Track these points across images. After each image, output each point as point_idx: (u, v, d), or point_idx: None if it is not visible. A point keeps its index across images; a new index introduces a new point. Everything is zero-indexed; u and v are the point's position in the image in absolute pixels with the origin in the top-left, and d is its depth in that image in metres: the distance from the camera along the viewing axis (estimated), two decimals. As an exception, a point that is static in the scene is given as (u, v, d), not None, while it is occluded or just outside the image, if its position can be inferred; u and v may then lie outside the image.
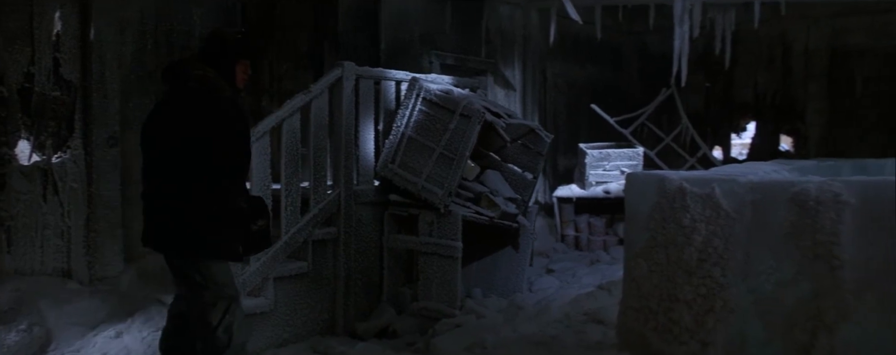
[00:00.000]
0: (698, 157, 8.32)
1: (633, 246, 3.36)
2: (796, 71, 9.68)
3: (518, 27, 8.12)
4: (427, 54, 6.97)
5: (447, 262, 4.65)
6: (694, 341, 3.12)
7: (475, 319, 4.54)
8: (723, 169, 4.05)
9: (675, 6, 6.04)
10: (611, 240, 7.73)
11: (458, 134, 4.60)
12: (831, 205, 2.88)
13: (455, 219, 4.62)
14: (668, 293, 3.20)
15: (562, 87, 9.06)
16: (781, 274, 2.99)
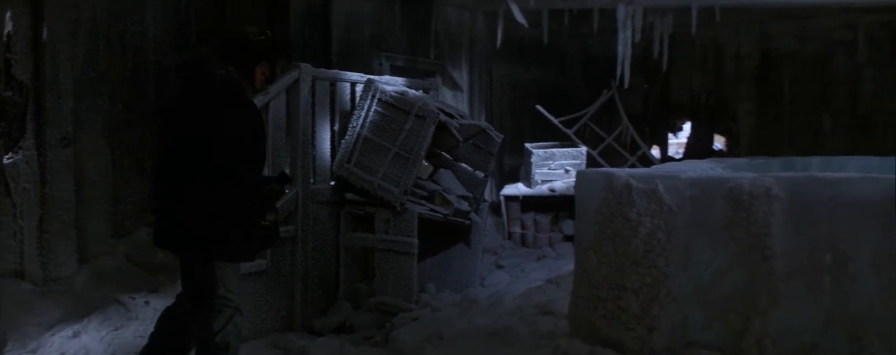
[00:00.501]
0: (638, 156, 8.67)
1: (582, 239, 3.57)
2: (728, 74, 10.16)
3: (465, 30, 8.32)
4: (377, 56, 7.10)
5: (403, 258, 4.80)
6: (640, 327, 3.35)
7: (431, 313, 4.71)
8: (664, 166, 4.31)
9: (618, 12, 6.33)
10: (556, 236, 7.99)
11: (414, 134, 4.76)
12: (763, 199, 3.14)
13: (411, 217, 4.77)
14: (617, 283, 3.42)
15: (507, 88, 9.31)
16: (719, 264, 3.24)
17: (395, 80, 5.51)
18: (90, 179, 5.03)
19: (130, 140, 5.31)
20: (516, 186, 8.20)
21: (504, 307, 4.87)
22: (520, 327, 4.46)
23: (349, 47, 6.73)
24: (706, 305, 3.27)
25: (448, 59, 8.09)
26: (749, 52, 9.96)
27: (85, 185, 4.96)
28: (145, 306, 4.48)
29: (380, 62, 7.12)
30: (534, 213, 8.09)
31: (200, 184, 2.95)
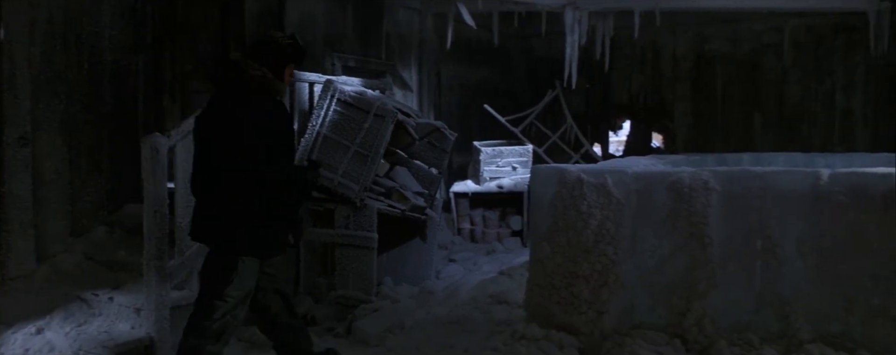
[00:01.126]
0: (581, 154, 9.01)
1: (537, 230, 3.82)
2: (666, 74, 10.62)
3: (415, 31, 8.51)
4: (330, 56, 7.24)
5: (363, 253, 4.97)
6: (591, 311, 3.61)
7: (391, 304, 4.90)
8: (611, 162, 4.60)
9: (565, 16, 6.63)
10: (504, 232, 8.25)
11: (373, 133, 4.93)
12: (702, 191, 3.44)
13: (371, 213, 4.95)
14: (569, 271, 3.67)
15: (455, 88, 9.53)
16: (662, 252, 3.53)
17: (352, 80, 5.67)
18: (48, 178, 5.05)
19: (88, 139, 5.34)
20: (465, 183, 8.43)
21: (460, 298, 5.09)
22: (476, 316, 4.69)
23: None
24: (651, 290, 3.55)
25: (398, 60, 8.27)
26: (685, 54, 10.45)
27: (42, 184, 4.98)
28: (109, 302, 4.54)
29: (332, 62, 7.26)
30: (482, 210, 8.33)
31: (240, 177, 3.10)
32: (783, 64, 9.85)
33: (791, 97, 9.95)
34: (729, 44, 10.24)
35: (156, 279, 4.18)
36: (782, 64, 9.86)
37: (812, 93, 9.79)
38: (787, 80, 9.92)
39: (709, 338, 3.38)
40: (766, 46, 9.97)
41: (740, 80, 10.19)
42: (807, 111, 9.84)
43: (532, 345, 3.60)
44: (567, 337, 3.61)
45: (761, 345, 3.27)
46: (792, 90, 9.94)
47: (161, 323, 4.22)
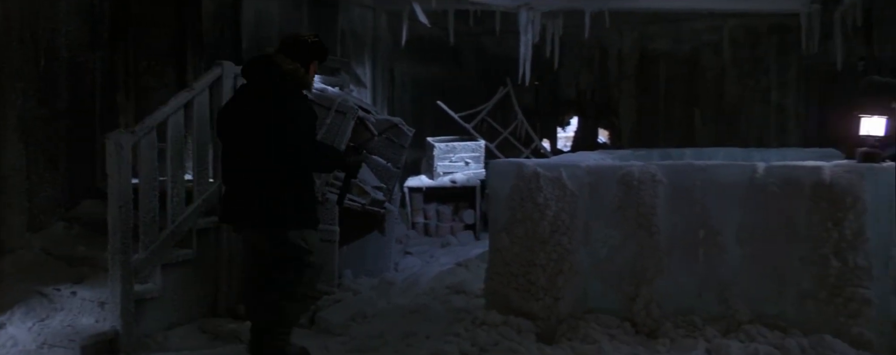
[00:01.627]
0: (532, 149, 9.27)
1: (496, 222, 4.02)
2: (611, 72, 10.96)
3: (369, 29, 8.64)
4: (285, 53, 7.31)
5: (325, 245, 5.07)
6: (548, 297, 3.83)
7: (353, 295, 5.04)
8: (564, 157, 4.82)
9: (519, 17, 6.85)
10: (457, 225, 8.46)
11: (334, 128, 5.06)
12: (649, 184, 3.69)
13: (332, 206, 5.07)
14: (527, 259, 3.88)
15: (408, 84, 9.70)
16: (613, 241, 3.77)
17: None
18: (4, 174, 5.03)
19: (44, 136, 5.32)
20: (419, 178, 8.59)
21: (419, 288, 5.27)
22: (436, 305, 4.87)
23: (259, 45, 6.91)
24: (603, 276, 3.79)
25: (353, 57, 8.39)
26: (630, 53, 10.80)
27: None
28: (72, 297, 4.56)
29: (287, 59, 7.34)
30: (436, 204, 8.51)
31: (287, 161, 3.44)
32: (722, 62, 10.28)
33: (729, 94, 10.38)
34: (671, 43, 10.62)
35: (121, 273, 4.24)
36: (721, 62, 10.28)
37: (749, 90, 10.23)
38: (725, 78, 10.34)
39: (656, 321, 3.63)
40: (705, 45, 10.37)
41: (682, 78, 10.58)
42: (744, 107, 10.28)
43: (492, 331, 3.80)
44: (525, 322, 3.82)
45: (704, 326, 3.54)
46: (730, 87, 10.37)
47: (127, 316, 4.28)
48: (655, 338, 3.57)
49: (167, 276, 4.66)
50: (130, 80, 6.84)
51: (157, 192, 4.54)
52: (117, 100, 6.72)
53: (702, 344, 3.42)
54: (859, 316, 3.33)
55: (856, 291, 3.34)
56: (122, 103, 6.70)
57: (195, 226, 4.85)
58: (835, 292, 3.38)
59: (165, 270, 4.65)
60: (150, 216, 4.49)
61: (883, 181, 3.38)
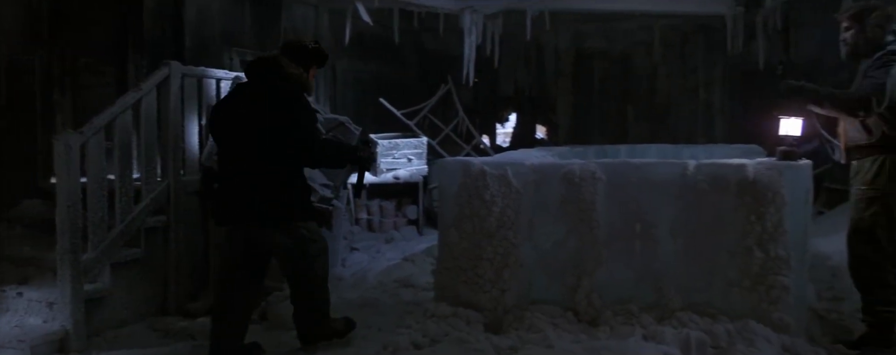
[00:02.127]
0: (473, 146, 9.47)
1: (445, 218, 4.18)
2: (549, 69, 11.26)
3: (311, 27, 8.68)
4: (228, 51, 7.33)
5: (275, 243, 5.17)
6: (495, 289, 4.02)
7: (303, 291, 5.13)
8: (508, 155, 5.02)
9: (463, 19, 7.03)
10: (400, 221, 8.60)
11: (283, 128, 5.13)
12: (590, 181, 3.91)
13: (281, 205, 5.15)
14: (474, 254, 4.06)
15: (350, 82, 9.76)
16: (556, 235, 3.97)
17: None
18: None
19: (-17, 134, 5.25)
20: (363, 174, 8.68)
21: (368, 282, 5.40)
22: (385, 299, 5.02)
23: (201, 43, 6.91)
24: (547, 269, 4.00)
25: (295, 54, 8.42)
26: (566, 51, 11.11)
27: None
28: (18, 297, 4.54)
29: (231, 57, 7.36)
30: (379, 200, 8.62)
31: (277, 164, 3.65)
32: (653, 61, 10.69)
33: (660, 91, 10.82)
34: (605, 41, 10.98)
35: (71, 273, 4.25)
36: (653, 61, 10.70)
37: (678, 87, 10.69)
38: (656, 76, 10.77)
39: (596, 310, 3.85)
40: (638, 44, 10.77)
41: (615, 76, 10.96)
42: (673, 104, 10.74)
43: (442, 322, 3.96)
44: (473, 314, 4.00)
45: (640, 314, 3.78)
46: (661, 84, 10.80)
47: (77, 315, 4.28)
48: (596, 326, 3.79)
49: (116, 275, 4.68)
50: (68, 78, 6.75)
51: (105, 192, 4.55)
52: (54, 98, 6.64)
53: (639, 330, 3.66)
54: (779, 303, 3.62)
55: (776, 279, 3.63)
56: (58, 101, 6.61)
57: (144, 225, 4.87)
58: (758, 281, 3.66)
59: (114, 269, 4.66)
60: (99, 215, 4.50)
61: (799, 177, 3.68)
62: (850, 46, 3.83)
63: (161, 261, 5.07)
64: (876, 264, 3.67)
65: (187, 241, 5.24)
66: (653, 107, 10.82)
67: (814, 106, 3.70)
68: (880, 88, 3.50)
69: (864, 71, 3.69)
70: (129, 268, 4.81)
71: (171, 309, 5.11)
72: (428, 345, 3.79)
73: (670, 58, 10.66)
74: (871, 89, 3.52)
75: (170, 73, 5.00)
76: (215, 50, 7.18)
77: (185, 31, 6.76)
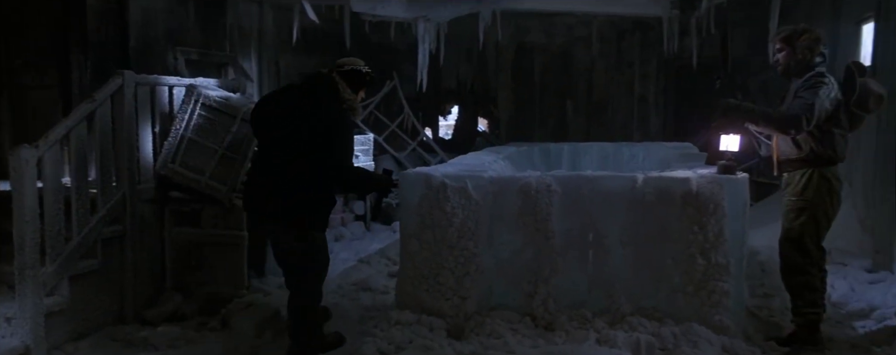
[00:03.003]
0: (418, 142, 9.62)
1: (407, 228, 4.32)
2: (490, 63, 11.49)
3: (255, 23, 8.64)
4: (172, 51, 7.26)
5: (233, 250, 5.24)
6: (456, 297, 4.20)
7: (263, 297, 5.22)
8: (463, 163, 5.18)
9: (418, 28, 7.13)
10: (348, 216, 8.71)
11: (240, 136, 5.18)
12: (545, 193, 4.12)
13: (240, 213, 5.21)
14: (436, 263, 4.23)
15: (293, 76, 9.74)
16: (514, 245, 4.18)
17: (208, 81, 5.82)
18: None
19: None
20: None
21: (327, 285, 5.49)
22: (345, 303, 5.15)
23: (145, 43, 6.83)
24: (506, 276, 4.20)
25: (239, 51, 8.39)
26: (507, 45, 11.35)
27: None
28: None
29: (175, 57, 7.29)
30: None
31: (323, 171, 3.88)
32: (592, 55, 11.04)
33: (598, 85, 11.19)
34: (545, 36, 11.26)
35: (31, 287, 4.23)
36: (591, 55, 11.05)
37: (615, 81, 11.08)
38: (594, 70, 11.14)
39: (552, 315, 4.08)
40: (577, 39, 11.09)
41: (555, 70, 11.28)
42: (611, 98, 11.13)
43: (406, 329, 4.13)
44: (436, 320, 4.17)
45: (593, 319, 4.02)
46: (598, 78, 11.18)
47: (37, 330, 4.28)
48: (553, 331, 4.02)
49: (74, 287, 4.67)
50: (6, 79, 6.59)
51: (62, 205, 4.53)
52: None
53: (593, 334, 3.90)
54: (720, 306, 3.93)
55: (717, 285, 3.93)
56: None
57: (100, 236, 4.86)
58: (700, 286, 3.96)
59: (72, 281, 4.66)
60: (57, 229, 4.48)
61: (738, 190, 3.98)
62: (782, 66, 4.13)
63: (118, 270, 5.07)
64: (804, 270, 4.01)
65: (144, 249, 5.25)
66: (591, 100, 11.19)
67: (750, 123, 4.00)
68: (810, 109, 3.81)
69: (795, 90, 3.99)
70: (86, 279, 4.80)
71: (129, 318, 5.12)
72: (393, 353, 3.95)
73: (607, 53, 11.03)
74: (801, 109, 3.82)
75: (123, 83, 4.97)
76: (159, 50, 7.11)
77: (130, 30, 6.67)
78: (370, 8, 7.24)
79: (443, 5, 6.99)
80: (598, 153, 7.35)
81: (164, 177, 5.30)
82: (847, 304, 4.76)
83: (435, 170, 4.37)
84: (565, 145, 7.56)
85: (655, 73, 10.92)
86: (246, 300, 5.14)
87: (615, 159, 7.26)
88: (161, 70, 7.18)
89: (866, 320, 4.46)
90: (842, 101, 3.94)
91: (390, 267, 6.14)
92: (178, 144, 5.25)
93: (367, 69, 4.17)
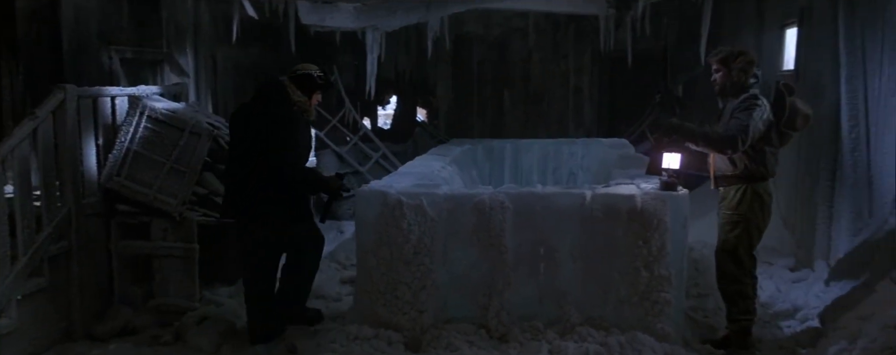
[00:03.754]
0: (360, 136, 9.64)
1: (363, 244, 4.42)
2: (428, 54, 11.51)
3: (190, 17, 8.44)
4: (106, 50, 7.07)
5: (185, 262, 5.22)
6: (413, 311, 4.34)
7: (216, 308, 5.23)
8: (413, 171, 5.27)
9: (366, 37, 7.14)
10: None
11: (189, 149, 5.13)
12: (499, 210, 4.27)
13: (190, 225, 5.19)
14: (393, 278, 4.35)
15: (230, 70, 9.58)
16: (469, 260, 4.33)
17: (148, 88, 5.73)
18: None
19: None
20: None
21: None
22: (299, 313, 5.20)
23: (79, 44, 6.63)
24: (461, 290, 4.36)
25: (175, 47, 8.19)
26: (445, 36, 11.39)
27: None
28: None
29: (110, 57, 7.11)
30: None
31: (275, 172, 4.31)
32: (528, 46, 11.21)
33: (534, 76, 11.40)
34: (482, 27, 11.36)
35: None
36: (527, 46, 11.22)
37: (550, 73, 11.31)
38: (531, 61, 11.33)
39: (506, 326, 4.27)
40: (514, 31, 11.24)
41: (492, 60, 11.41)
42: (547, 89, 11.36)
43: (365, 344, 4.24)
44: (394, 334, 4.30)
45: (545, 330, 4.23)
46: (535, 70, 11.38)
47: None
48: (507, 342, 4.21)
49: (22, 308, 4.59)
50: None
51: (7, 226, 4.43)
52: None
53: (545, 345, 4.11)
54: (662, 315, 4.18)
55: (660, 295, 4.18)
56: None
57: (47, 254, 4.78)
58: (644, 297, 4.20)
59: (20, 303, 4.57)
60: (3, 251, 4.39)
61: (679, 206, 4.22)
62: (719, 86, 4.37)
63: (64, 287, 4.99)
64: (739, 279, 4.31)
65: (90, 263, 5.18)
66: (528, 91, 11.39)
67: (690, 143, 4.23)
68: (744, 130, 4.06)
69: (732, 111, 4.24)
70: (34, 299, 4.72)
71: (78, 335, 5.06)
72: (353, 368, 4.07)
73: (543, 44, 11.22)
74: (736, 131, 4.07)
75: (65, 97, 4.86)
76: (93, 50, 6.91)
77: (62, 31, 6.46)
78: (319, 20, 7.21)
79: (392, 15, 7.03)
80: (539, 151, 7.56)
81: (110, 191, 5.22)
82: (773, 305, 5.12)
83: (390, 186, 4.46)
84: (508, 143, 7.74)
85: (590, 66, 11.19)
86: (199, 313, 5.14)
87: (556, 157, 7.50)
88: (96, 71, 7.00)
89: (791, 320, 4.81)
90: (773, 122, 4.21)
91: (341, 272, 6.21)
92: (123, 157, 5.18)
93: (318, 73, 4.56)
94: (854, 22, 5.13)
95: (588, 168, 7.30)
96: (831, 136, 5.47)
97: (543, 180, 7.48)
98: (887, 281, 4.20)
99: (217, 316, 5.07)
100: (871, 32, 4.94)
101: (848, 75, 5.12)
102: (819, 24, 5.90)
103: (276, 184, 4.34)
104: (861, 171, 4.97)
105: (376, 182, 4.70)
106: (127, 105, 5.50)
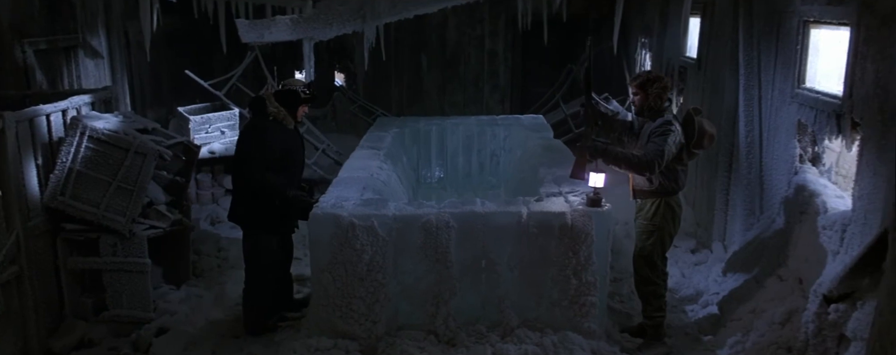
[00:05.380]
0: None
1: (319, 263, 4.73)
2: (346, 20, 11.52)
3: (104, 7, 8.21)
4: (19, 44, 6.90)
5: (137, 276, 5.39)
6: (367, 321, 4.74)
7: (170, 317, 5.46)
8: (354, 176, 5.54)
9: (303, 48, 7.17)
10: (218, 191, 8.80)
11: (135, 169, 5.22)
12: (444, 228, 4.67)
13: (140, 240, 5.34)
14: (348, 293, 4.71)
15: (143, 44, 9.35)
16: (418, 273, 4.74)
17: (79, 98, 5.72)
18: None
19: None
20: (176, 150, 8.65)
21: (229, 298, 5.82)
22: (253, 318, 5.50)
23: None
24: (411, 300, 4.78)
25: (88, 30, 7.99)
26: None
27: None
28: None
29: (23, 50, 6.95)
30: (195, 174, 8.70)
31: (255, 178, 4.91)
32: (444, 12, 11.35)
33: (451, 41, 11.61)
34: (395, -8, 11.40)
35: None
36: (443, 11, 11.36)
37: (467, 37, 11.55)
38: (447, 26, 11.51)
39: (452, 331, 4.74)
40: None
41: (410, 26, 11.51)
42: (463, 53, 11.62)
43: (325, 354, 4.64)
44: (350, 343, 4.71)
45: (488, 333, 4.73)
46: (451, 35, 11.59)
47: None
48: (454, 346, 4.69)
49: (-19, 337, 4.72)
50: None
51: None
52: None
53: (489, 348, 4.62)
54: (589, 316, 4.75)
55: (587, 299, 4.73)
56: None
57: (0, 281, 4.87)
58: (573, 300, 4.75)
59: (-21, 332, 4.69)
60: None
61: (604, 221, 4.74)
62: (637, 108, 4.85)
63: (18, 311, 5.10)
64: (653, 281, 4.92)
65: (41, 282, 5.28)
66: (444, 55, 11.62)
67: (613, 165, 4.72)
68: (661, 155, 4.58)
69: (649, 134, 4.74)
70: (-10, 324, 4.84)
71: (35, 352, 5.21)
72: (315, 378, 4.46)
73: (459, 9, 11.37)
74: (653, 156, 4.58)
75: (4, 125, 4.84)
76: (6, 44, 6.74)
77: (-28, 27, 6.27)
78: (258, 37, 7.19)
79: (328, 27, 7.09)
80: (463, 132, 7.93)
81: (55, 210, 5.29)
82: (679, 290, 5.81)
83: (342, 208, 4.76)
84: (433, 125, 8.04)
85: (504, 30, 11.50)
86: (157, 323, 5.37)
87: (479, 139, 7.90)
88: (10, 66, 6.85)
89: (694, 304, 5.51)
90: (683, 144, 4.74)
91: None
92: (66, 177, 5.23)
93: (303, 89, 5.06)
94: (751, 38, 5.67)
95: (510, 149, 7.76)
96: (728, 131, 6.11)
97: (468, 161, 7.91)
98: (775, 278, 4.90)
99: (176, 328, 5.30)
100: (766, 45, 5.50)
101: (745, 84, 5.71)
102: (719, 21, 6.44)
103: (249, 194, 4.96)
104: (754, 172, 5.62)
105: (326, 201, 4.97)
106: (61, 119, 5.50)
